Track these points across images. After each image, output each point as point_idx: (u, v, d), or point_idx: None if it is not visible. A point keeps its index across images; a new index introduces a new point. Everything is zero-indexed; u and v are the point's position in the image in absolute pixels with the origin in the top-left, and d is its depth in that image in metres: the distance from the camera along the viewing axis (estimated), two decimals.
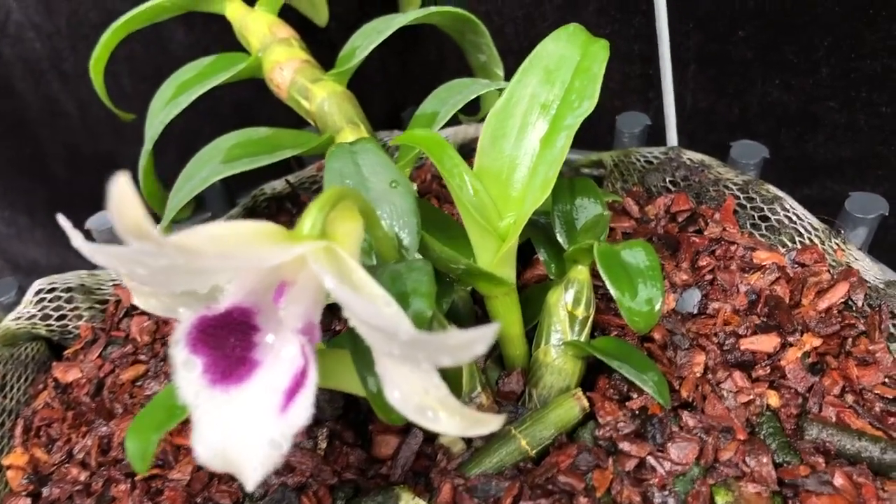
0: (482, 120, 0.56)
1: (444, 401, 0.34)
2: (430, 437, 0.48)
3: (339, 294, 0.31)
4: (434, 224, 0.48)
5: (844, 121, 0.72)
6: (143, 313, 0.62)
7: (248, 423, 0.35)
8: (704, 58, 0.74)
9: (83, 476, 0.51)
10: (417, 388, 0.35)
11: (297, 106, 0.65)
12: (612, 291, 0.44)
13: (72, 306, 0.63)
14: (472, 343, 0.31)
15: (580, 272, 0.48)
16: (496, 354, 0.52)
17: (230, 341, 0.36)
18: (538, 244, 0.51)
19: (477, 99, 0.71)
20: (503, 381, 0.49)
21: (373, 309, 0.31)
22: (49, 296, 0.63)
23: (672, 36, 0.69)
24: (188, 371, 0.36)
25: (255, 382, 0.36)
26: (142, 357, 0.58)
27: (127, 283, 0.40)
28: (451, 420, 0.35)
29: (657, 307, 0.44)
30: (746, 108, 0.76)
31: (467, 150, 0.72)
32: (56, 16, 0.87)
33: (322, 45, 0.70)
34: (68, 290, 0.63)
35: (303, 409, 0.34)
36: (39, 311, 0.62)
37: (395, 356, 0.34)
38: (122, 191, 0.28)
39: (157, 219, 0.64)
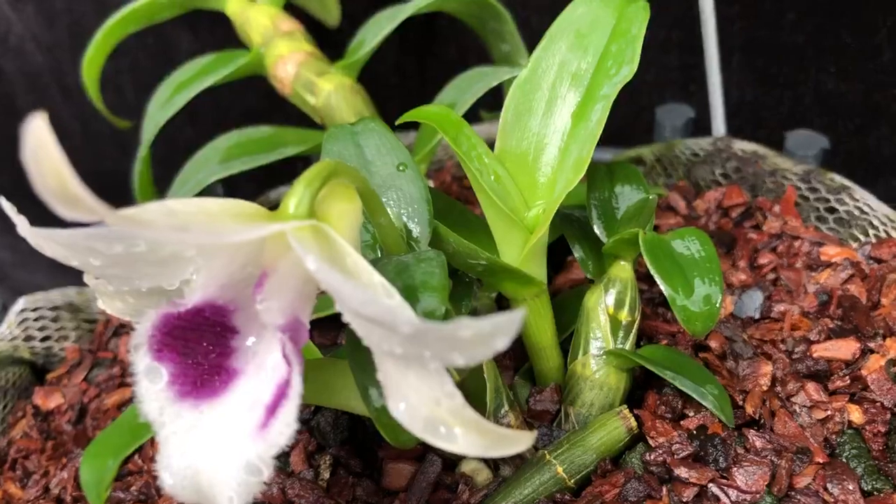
0: None
1: (460, 413, 0.28)
2: (451, 465, 0.41)
3: (324, 277, 0.25)
4: (451, 217, 0.42)
5: None
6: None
7: (222, 444, 0.29)
8: (751, 45, 0.67)
9: None
10: (427, 398, 0.28)
11: (303, 103, 0.59)
12: (664, 288, 0.37)
13: (58, 326, 0.57)
14: (491, 335, 0.24)
15: (623, 269, 0.41)
16: (526, 368, 0.45)
17: (202, 346, 0.31)
18: (572, 240, 0.44)
19: (501, 95, 0.65)
20: (534, 398, 0.42)
21: (366, 294, 0.24)
22: (34, 315, 0.57)
23: (714, 22, 0.63)
24: (152, 382, 0.30)
25: (231, 396, 0.30)
26: (129, 380, 0.52)
27: (89, 282, 0.34)
28: (469, 437, 0.28)
29: (717, 305, 0.37)
30: (799, 100, 0.69)
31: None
32: (57, 27, 0.83)
33: (336, 46, 0.65)
34: (54, 308, 0.58)
35: (285, 427, 0.28)
36: (23, 331, 0.56)
37: (397, 356, 0.27)
38: (39, 139, 0.22)
39: None
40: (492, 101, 0.59)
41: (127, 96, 0.85)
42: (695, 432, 0.39)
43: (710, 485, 0.37)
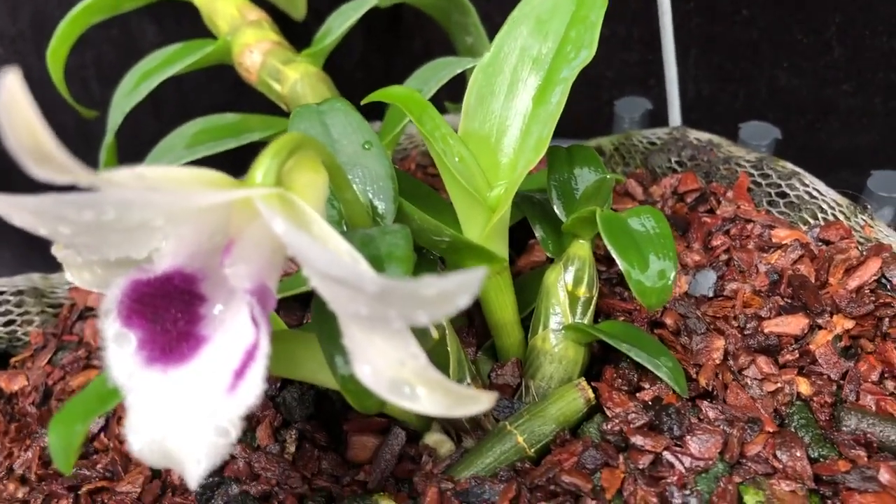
0: None
1: (423, 373, 0.29)
2: (414, 438, 0.42)
3: (292, 239, 0.26)
4: (416, 198, 0.43)
5: (860, 105, 0.68)
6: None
7: (190, 408, 0.30)
8: (707, 41, 0.69)
9: (21, 493, 0.45)
10: (391, 360, 0.29)
11: (269, 90, 0.60)
12: (620, 263, 0.38)
13: (21, 310, 0.57)
14: (454, 292, 0.25)
15: (581, 247, 0.43)
16: (488, 345, 0.46)
17: (171, 313, 0.31)
18: (534, 220, 0.45)
19: (465, 87, 0.66)
20: (496, 372, 0.43)
21: (332, 256, 0.25)
22: None
23: (672, 17, 0.65)
24: (121, 348, 0.30)
25: (199, 361, 0.31)
26: (95, 362, 0.52)
27: (56, 254, 0.34)
28: (433, 396, 0.29)
29: (671, 280, 0.38)
30: (753, 95, 0.71)
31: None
32: (20, 17, 0.82)
33: (301, 39, 0.65)
34: (18, 293, 0.58)
35: (253, 387, 0.29)
36: None
37: (363, 318, 0.28)
38: (12, 95, 0.22)
39: None
40: (457, 93, 0.60)
41: (92, 89, 0.85)
42: (650, 403, 0.40)
43: (665, 452, 0.38)
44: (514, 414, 0.41)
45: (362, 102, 0.42)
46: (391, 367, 0.29)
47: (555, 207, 0.44)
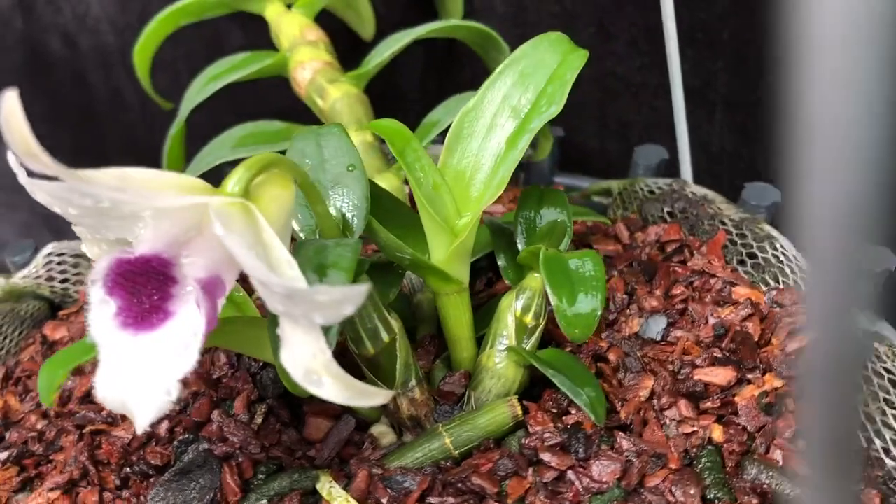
0: None
1: (328, 366, 0.34)
2: (363, 427, 0.48)
3: (226, 242, 0.32)
4: (395, 215, 0.48)
5: None
6: None
7: (148, 367, 0.36)
8: (733, 100, 0.72)
9: (40, 424, 0.52)
10: (307, 352, 0.35)
11: (313, 104, 0.66)
12: (551, 297, 0.43)
13: (76, 271, 0.66)
14: (341, 301, 0.31)
15: (534, 279, 0.47)
16: (445, 356, 0.51)
17: (147, 289, 0.37)
18: (498, 250, 0.50)
19: None
20: (445, 381, 0.48)
21: (253, 260, 0.31)
22: (58, 259, 0.66)
23: (700, 76, 0.68)
24: (102, 312, 0.37)
25: (163, 331, 0.37)
26: None
27: (75, 230, 0.41)
28: (335, 386, 0.35)
29: (595, 317, 0.43)
30: (773, 155, 0.73)
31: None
32: (129, 11, 0.92)
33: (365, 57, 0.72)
34: (76, 256, 0.66)
35: (192, 358, 0.35)
36: (46, 272, 0.65)
37: (282, 313, 0.34)
38: (9, 110, 0.29)
39: None
40: None
41: (181, 80, 0.93)
42: (570, 427, 0.45)
43: (569, 471, 0.43)
44: (450, 418, 0.46)
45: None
46: (306, 357, 0.35)
47: (518, 242, 0.49)
